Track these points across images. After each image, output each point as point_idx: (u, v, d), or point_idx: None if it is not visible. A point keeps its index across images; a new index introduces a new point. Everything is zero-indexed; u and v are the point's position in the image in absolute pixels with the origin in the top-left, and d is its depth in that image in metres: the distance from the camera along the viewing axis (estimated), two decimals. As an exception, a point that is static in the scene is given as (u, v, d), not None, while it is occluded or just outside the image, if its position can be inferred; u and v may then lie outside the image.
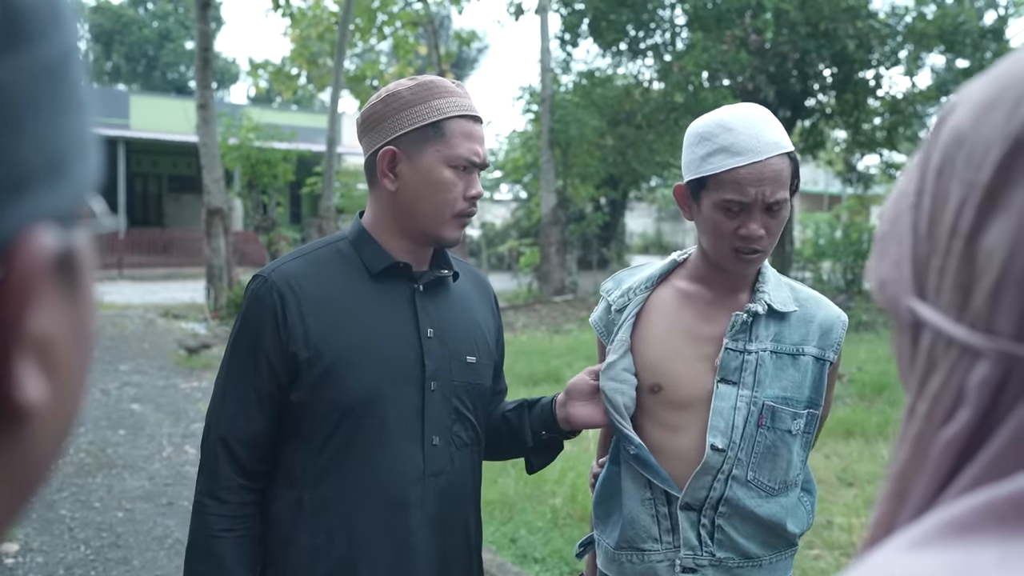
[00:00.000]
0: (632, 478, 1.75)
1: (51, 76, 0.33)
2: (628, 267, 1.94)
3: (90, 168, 0.35)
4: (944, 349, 0.42)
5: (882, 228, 0.48)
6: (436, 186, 1.64)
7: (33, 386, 0.32)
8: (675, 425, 1.72)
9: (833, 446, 6.29)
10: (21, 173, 0.31)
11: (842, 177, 19.93)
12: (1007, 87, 0.42)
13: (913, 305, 0.44)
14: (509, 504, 5.03)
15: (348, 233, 1.74)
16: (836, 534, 4.58)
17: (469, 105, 1.67)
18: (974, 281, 0.40)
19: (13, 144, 0.31)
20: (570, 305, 15.93)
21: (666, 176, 21.52)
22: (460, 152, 1.64)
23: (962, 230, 0.41)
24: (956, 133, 0.44)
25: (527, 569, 4.21)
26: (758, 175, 1.60)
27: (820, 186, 30.88)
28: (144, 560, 4.31)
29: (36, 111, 0.32)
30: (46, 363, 0.33)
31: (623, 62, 18.65)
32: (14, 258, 0.31)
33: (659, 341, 1.75)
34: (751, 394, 1.66)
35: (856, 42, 15.27)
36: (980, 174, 0.41)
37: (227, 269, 13.10)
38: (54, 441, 0.35)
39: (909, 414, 0.44)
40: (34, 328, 0.32)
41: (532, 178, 21.12)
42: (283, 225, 18.49)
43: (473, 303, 1.81)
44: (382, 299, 1.66)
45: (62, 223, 0.33)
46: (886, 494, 0.44)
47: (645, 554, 1.72)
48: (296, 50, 18.99)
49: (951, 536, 0.37)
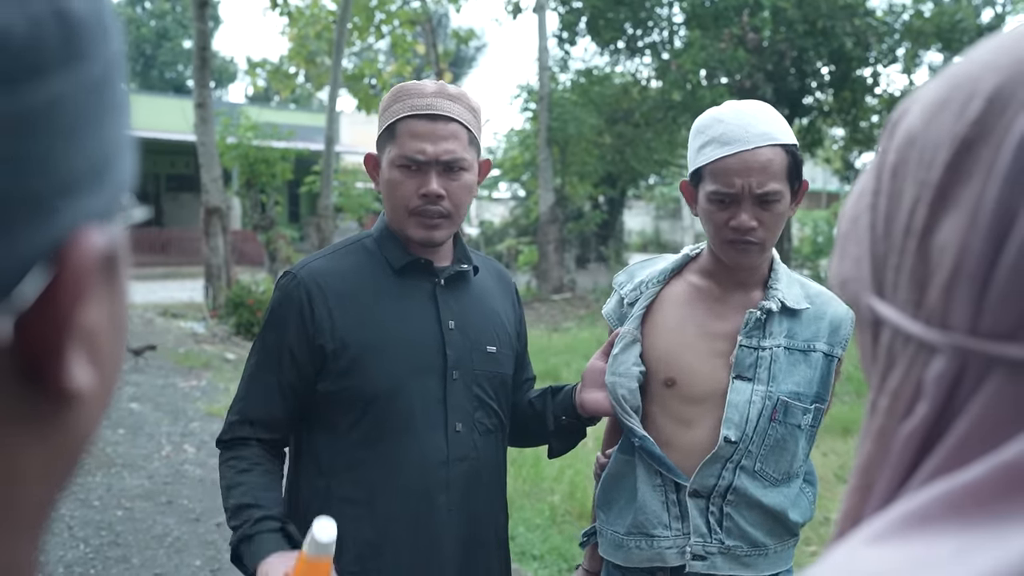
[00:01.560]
0: (644, 465, 1.77)
1: (101, 86, 0.35)
2: (640, 260, 1.95)
3: (128, 167, 0.38)
4: (902, 345, 0.43)
5: (842, 227, 0.49)
6: (388, 186, 1.72)
7: (82, 373, 0.35)
8: (688, 419, 1.75)
9: (831, 443, 6.30)
10: (73, 178, 0.33)
11: (840, 175, 19.90)
12: (955, 88, 0.43)
13: (872, 303, 0.45)
14: (508, 501, 5.04)
15: (374, 231, 1.81)
16: (833, 530, 4.59)
17: (424, 104, 1.69)
18: (928, 278, 0.42)
19: (68, 153, 0.33)
20: (568, 303, 15.92)
21: (664, 174, 21.51)
22: (404, 152, 1.68)
23: (916, 228, 0.43)
24: (909, 134, 0.45)
25: (525, 566, 4.22)
26: (744, 165, 1.62)
27: (818, 184, 30.85)
28: (143, 558, 4.32)
29: (88, 120, 0.34)
30: (91, 352, 0.35)
31: (621, 60, 18.61)
32: (68, 257, 0.33)
33: (672, 335, 1.77)
34: (766, 389, 1.69)
35: (854, 40, 15.25)
36: (931, 173, 0.42)
37: (225, 268, 13.09)
38: (93, 424, 0.38)
39: (872, 409, 0.46)
40: (83, 320, 0.35)
41: (530, 176, 21.11)
42: (281, 224, 18.49)
43: (494, 295, 1.87)
44: (405, 294, 1.73)
45: (105, 221, 0.36)
46: (852, 487, 0.45)
47: (654, 539, 1.74)
48: (294, 49, 18.95)
49: (911, 528, 0.38)
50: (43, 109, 0.32)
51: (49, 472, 0.36)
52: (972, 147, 0.41)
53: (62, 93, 0.32)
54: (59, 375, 0.34)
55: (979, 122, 0.41)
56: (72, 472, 0.38)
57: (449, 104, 1.71)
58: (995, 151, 0.39)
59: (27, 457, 0.35)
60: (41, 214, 0.32)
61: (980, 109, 0.41)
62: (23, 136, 0.31)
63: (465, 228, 23.92)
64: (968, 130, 0.41)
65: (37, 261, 0.32)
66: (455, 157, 1.69)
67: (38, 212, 0.32)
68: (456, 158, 1.69)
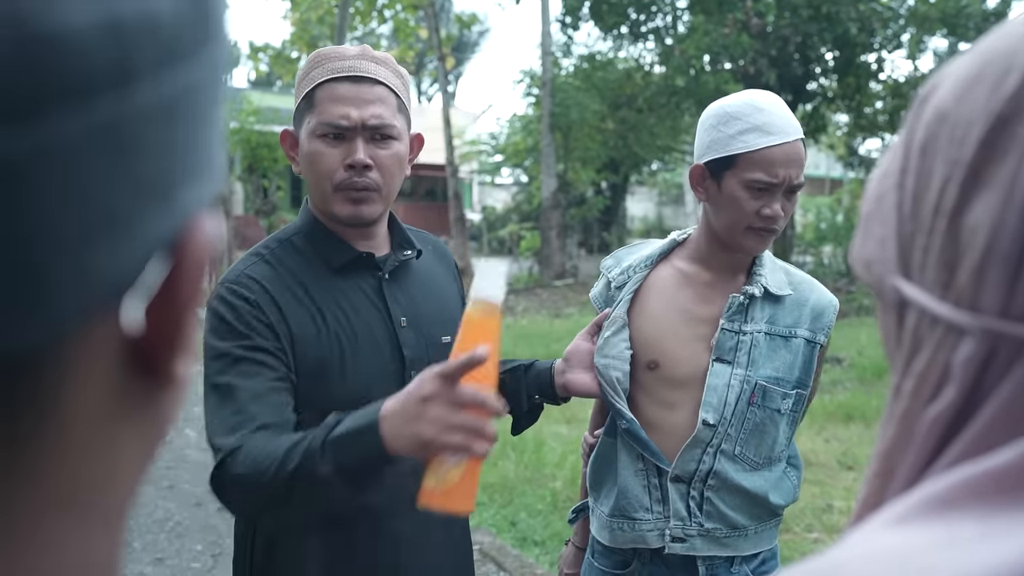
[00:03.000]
0: (626, 450, 1.80)
1: (220, 71, 0.35)
2: (627, 245, 1.97)
3: (223, 156, 0.38)
4: (929, 328, 0.42)
5: (866, 207, 0.48)
6: (308, 160, 1.54)
7: (184, 361, 0.35)
8: (671, 402, 1.77)
9: (833, 430, 6.30)
10: (197, 164, 0.33)
11: (844, 161, 19.89)
12: (988, 63, 0.42)
13: (898, 284, 0.44)
14: (509, 487, 5.06)
15: (299, 225, 1.62)
16: (836, 517, 4.60)
17: (347, 67, 1.52)
18: (958, 259, 0.40)
19: (196, 139, 0.33)
20: (571, 289, 15.93)
21: (667, 160, 21.48)
22: (324, 118, 1.51)
23: (946, 208, 0.41)
24: (939, 111, 0.43)
25: (527, 552, 4.23)
26: (788, 156, 1.64)
27: (821, 170, 30.83)
28: (145, 542, 4.33)
29: (211, 105, 0.34)
30: (190, 340, 0.36)
31: (624, 45, 18.57)
32: (187, 245, 0.33)
33: (657, 319, 1.79)
34: (744, 373, 1.71)
35: (858, 25, 15.20)
36: (963, 151, 0.41)
37: (228, 253, 13.11)
38: (176, 412, 0.38)
39: (896, 393, 0.44)
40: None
41: (533, 162, 21.08)
42: (283, 209, 18.49)
43: (438, 277, 1.74)
44: (349, 296, 1.57)
45: (211, 210, 0.36)
46: (873, 472, 0.44)
47: (636, 523, 1.78)
48: (296, 33, 18.90)
49: (933, 512, 0.37)
50: (183, 94, 0.32)
51: (141, 456, 0.36)
52: (1008, 123, 0.39)
53: (197, 77, 0.32)
54: (172, 366, 0.34)
55: (1015, 98, 0.39)
56: (152, 461, 0.38)
57: (374, 67, 1.54)
58: None
59: (128, 444, 0.35)
60: (169, 201, 0.32)
61: (1017, 84, 0.39)
62: (165, 122, 0.31)
63: (467, 214, 23.93)
64: (1004, 106, 0.39)
65: (160, 250, 0.32)
66: (383, 122, 1.52)
67: (167, 199, 0.32)
68: (384, 123, 1.52)
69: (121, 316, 0.32)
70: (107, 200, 0.29)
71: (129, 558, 4.18)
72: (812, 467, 5.28)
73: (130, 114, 0.29)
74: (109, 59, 0.28)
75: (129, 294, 0.31)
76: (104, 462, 0.33)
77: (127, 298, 0.31)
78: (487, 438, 1.17)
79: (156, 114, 0.30)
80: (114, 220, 0.29)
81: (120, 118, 0.29)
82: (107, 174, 0.29)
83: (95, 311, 0.30)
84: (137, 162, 0.30)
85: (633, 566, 1.82)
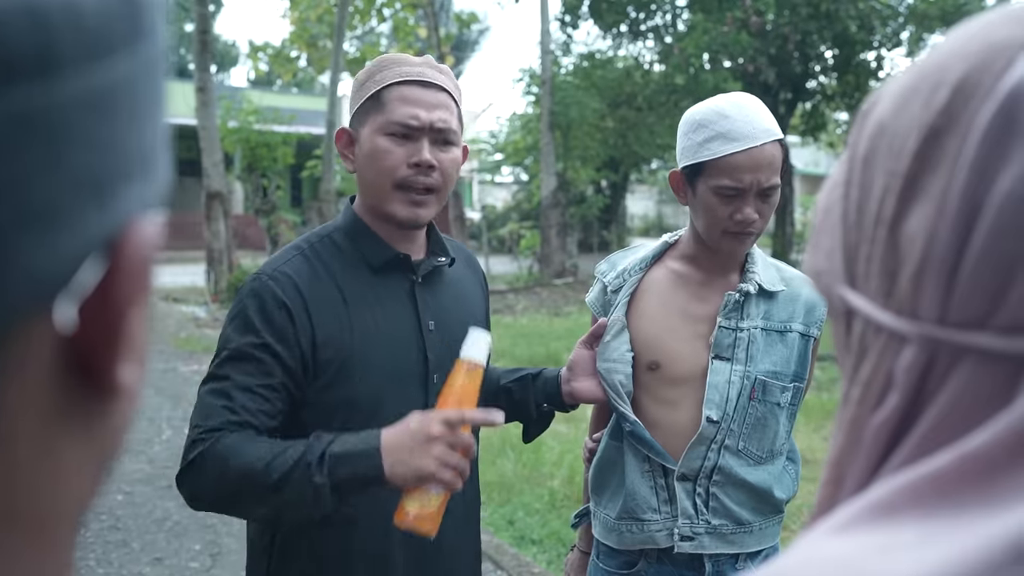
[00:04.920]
0: (632, 452, 1.82)
1: (157, 67, 0.34)
2: (621, 249, 2.00)
3: (167, 157, 0.37)
4: (874, 335, 0.43)
5: (816, 219, 0.49)
6: (372, 156, 1.58)
7: (128, 368, 0.34)
8: (673, 400, 1.80)
9: (831, 428, 6.30)
10: (133, 163, 0.33)
11: (843, 159, 19.87)
12: (924, 77, 0.43)
13: (844, 293, 0.45)
14: (507, 486, 5.06)
15: (341, 224, 1.66)
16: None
17: (417, 72, 1.58)
18: (898, 268, 0.41)
19: (130, 136, 0.32)
20: (570, 288, 15.93)
21: (667, 158, 21.46)
22: (394, 117, 1.55)
23: (885, 218, 0.42)
24: (879, 123, 0.45)
25: (524, 551, 4.24)
26: (754, 161, 1.65)
27: (821, 168, 30.81)
28: (143, 542, 4.34)
29: (147, 102, 0.33)
30: (132, 345, 0.35)
31: (624, 44, 18.58)
32: (125, 246, 0.32)
33: (655, 320, 1.82)
34: (744, 369, 1.75)
35: (858, 23, 15.20)
36: (900, 163, 0.42)
37: (227, 252, 13.10)
38: (128, 420, 0.37)
39: (844, 400, 0.46)
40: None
41: (533, 160, 21.09)
42: (283, 208, 18.50)
43: (467, 288, 1.79)
44: (383, 295, 1.61)
45: (152, 211, 0.35)
46: (825, 479, 0.46)
47: (645, 524, 1.80)
48: (295, 32, 18.93)
49: (875, 518, 0.38)
50: (113, 88, 0.31)
51: (89, 469, 0.35)
52: (939, 136, 0.40)
53: (129, 72, 0.32)
54: (110, 369, 0.33)
55: (945, 111, 0.40)
56: (108, 470, 0.37)
57: (439, 75, 1.61)
58: (961, 140, 0.39)
59: (71, 454, 0.34)
60: (103, 199, 0.31)
61: (946, 98, 0.41)
62: (94, 116, 0.30)
63: (467, 212, 23.93)
64: (935, 119, 0.41)
65: (95, 249, 0.31)
66: (448, 127, 1.58)
67: (101, 196, 0.31)
68: (449, 127, 1.59)
69: (55, 316, 0.31)
70: (35, 192, 0.28)
71: (128, 558, 4.19)
72: (810, 464, 5.29)
73: (56, 104, 0.28)
74: (29, 46, 0.27)
75: (63, 293, 0.30)
76: (45, 474, 0.33)
77: (61, 298, 0.30)
78: (464, 477, 1.38)
79: (85, 107, 0.30)
80: (44, 213, 0.28)
81: (45, 108, 0.28)
82: (33, 165, 0.28)
83: (28, 310, 0.29)
84: (66, 155, 0.29)
85: (639, 566, 1.84)
